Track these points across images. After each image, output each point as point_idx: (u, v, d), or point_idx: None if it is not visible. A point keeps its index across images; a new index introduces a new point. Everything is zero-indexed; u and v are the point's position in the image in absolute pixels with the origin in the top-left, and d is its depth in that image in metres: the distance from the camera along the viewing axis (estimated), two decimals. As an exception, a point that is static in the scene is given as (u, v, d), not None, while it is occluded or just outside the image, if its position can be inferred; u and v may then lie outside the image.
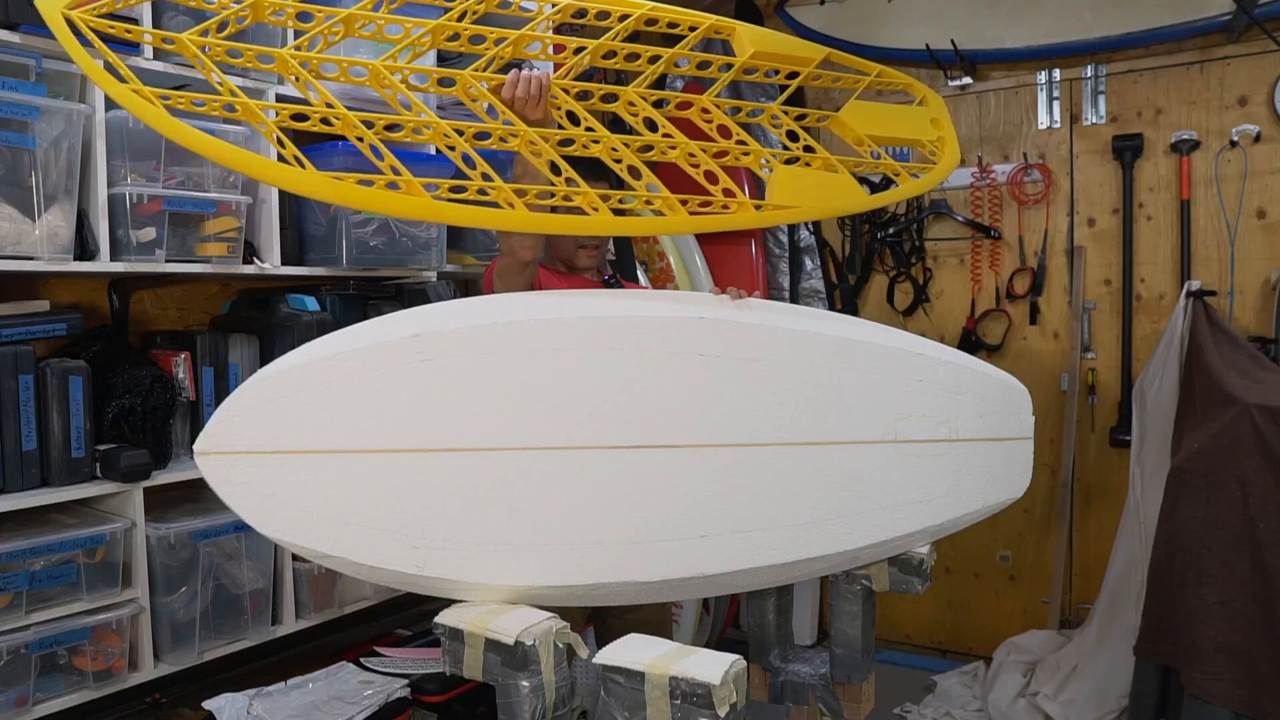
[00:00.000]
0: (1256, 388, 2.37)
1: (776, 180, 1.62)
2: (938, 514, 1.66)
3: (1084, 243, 3.35)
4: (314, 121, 1.39)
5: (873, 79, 1.87)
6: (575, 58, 1.61)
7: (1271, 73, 2.99)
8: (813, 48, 1.78)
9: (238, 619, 1.98)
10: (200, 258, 1.91)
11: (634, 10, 1.65)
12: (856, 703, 1.79)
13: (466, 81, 1.51)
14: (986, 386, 1.77)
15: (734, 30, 1.73)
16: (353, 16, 1.46)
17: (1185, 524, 2.36)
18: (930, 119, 1.89)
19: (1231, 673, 2.22)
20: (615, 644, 1.30)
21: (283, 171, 1.31)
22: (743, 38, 1.72)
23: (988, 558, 3.54)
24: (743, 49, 1.71)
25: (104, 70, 1.27)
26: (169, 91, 1.32)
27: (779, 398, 1.57)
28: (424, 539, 1.33)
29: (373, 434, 1.34)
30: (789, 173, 1.63)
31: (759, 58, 1.71)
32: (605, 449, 1.44)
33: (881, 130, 1.82)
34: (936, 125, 1.89)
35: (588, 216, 1.46)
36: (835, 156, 1.70)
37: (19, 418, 1.69)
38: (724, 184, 1.57)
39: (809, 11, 3.78)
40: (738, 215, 1.56)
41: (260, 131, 1.38)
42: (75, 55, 1.26)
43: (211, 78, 1.36)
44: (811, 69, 1.75)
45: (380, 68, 1.43)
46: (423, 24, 1.52)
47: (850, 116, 1.80)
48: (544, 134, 1.49)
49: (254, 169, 1.34)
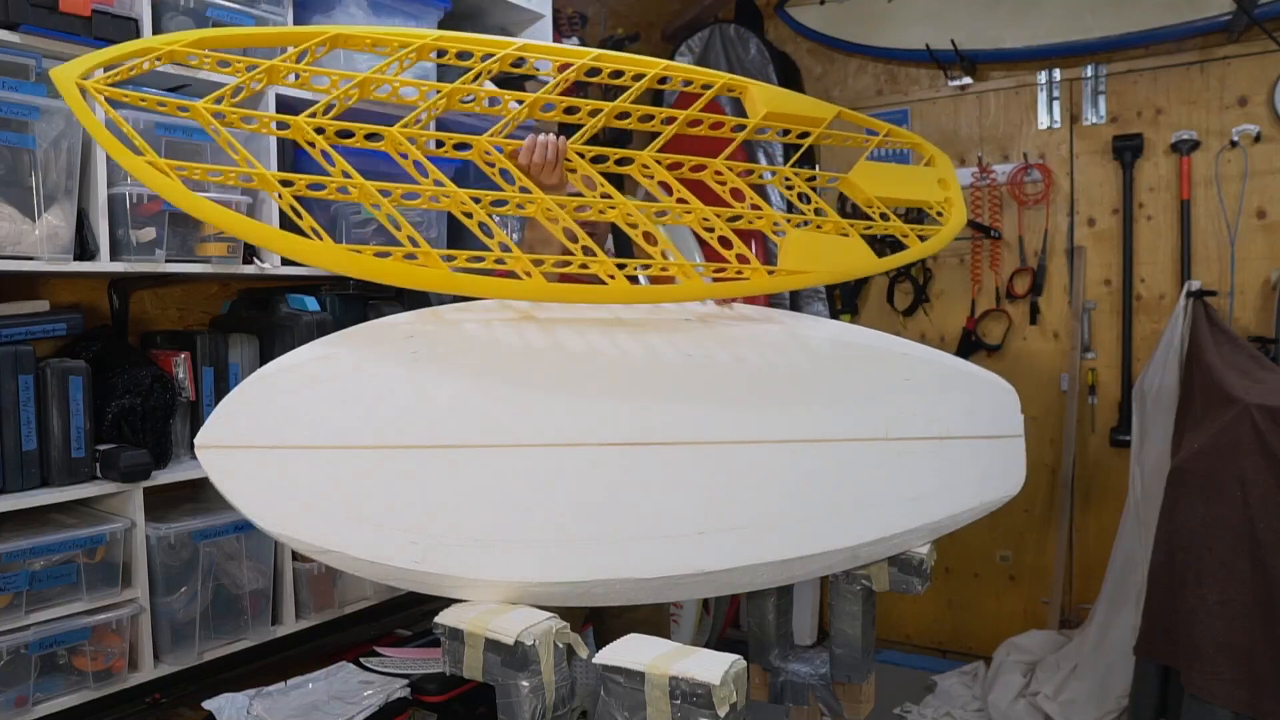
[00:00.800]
0: (1256, 388, 2.38)
1: (789, 245, 1.62)
2: (933, 511, 1.67)
3: (1084, 243, 3.35)
4: (330, 190, 1.38)
5: (881, 139, 1.86)
6: (591, 120, 1.58)
7: (1271, 73, 2.99)
8: (824, 107, 1.77)
9: (238, 619, 1.98)
10: (200, 258, 1.91)
11: (648, 69, 1.62)
12: (856, 703, 1.79)
13: (482, 146, 1.49)
14: (973, 385, 1.79)
15: (746, 89, 1.70)
16: (368, 80, 1.43)
17: (1185, 524, 2.37)
18: (938, 179, 1.89)
19: (1231, 673, 2.22)
20: (615, 644, 1.30)
21: (300, 244, 1.32)
22: (755, 98, 1.70)
23: (988, 558, 3.54)
24: (755, 109, 1.69)
25: (119, 142, 1.26)
26: (184, 164, 1.32)
27: (773, 397, 1.58)
28: (422, 534, 1.33)
29: (372, 430, 1.35)
30: (802, 238, 1.63)
31: (771, 118, 1.69)
32: (603, 446, 1.45)
33: (891, 192, 1.81)
34: (944, 185, 1.88)
35: (604, 286, 1.46)
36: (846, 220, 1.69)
37: (19, 418, 1.69)
38: (738, 249, 1.57)
39: (809, 11, 3.79)
40: (753, 281, 1.56)
41: (277, 203, 1.36)
42: (90, 126, 1.26)
43: (228, 149, 1.36)
44: (822, 129, 1.73)
45: (397, 134, 1.41)
46: (439, 87, 1.50)
47: (860, 178, 1.79)
48: (561, 201, 1.48)
49: (273, 242, 1.33)
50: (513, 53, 1.53)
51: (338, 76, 1.44)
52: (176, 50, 1.36)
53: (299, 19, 2.10)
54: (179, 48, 1.36)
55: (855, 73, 3.83)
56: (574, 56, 1.58)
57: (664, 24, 4.04)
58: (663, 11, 4.02)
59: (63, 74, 1.28)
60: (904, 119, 3.66)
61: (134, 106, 1.37)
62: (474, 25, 2.60)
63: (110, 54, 1.32)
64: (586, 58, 1.57)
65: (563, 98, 1.52)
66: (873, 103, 3.75)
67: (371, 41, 1.48)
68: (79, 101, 1.26)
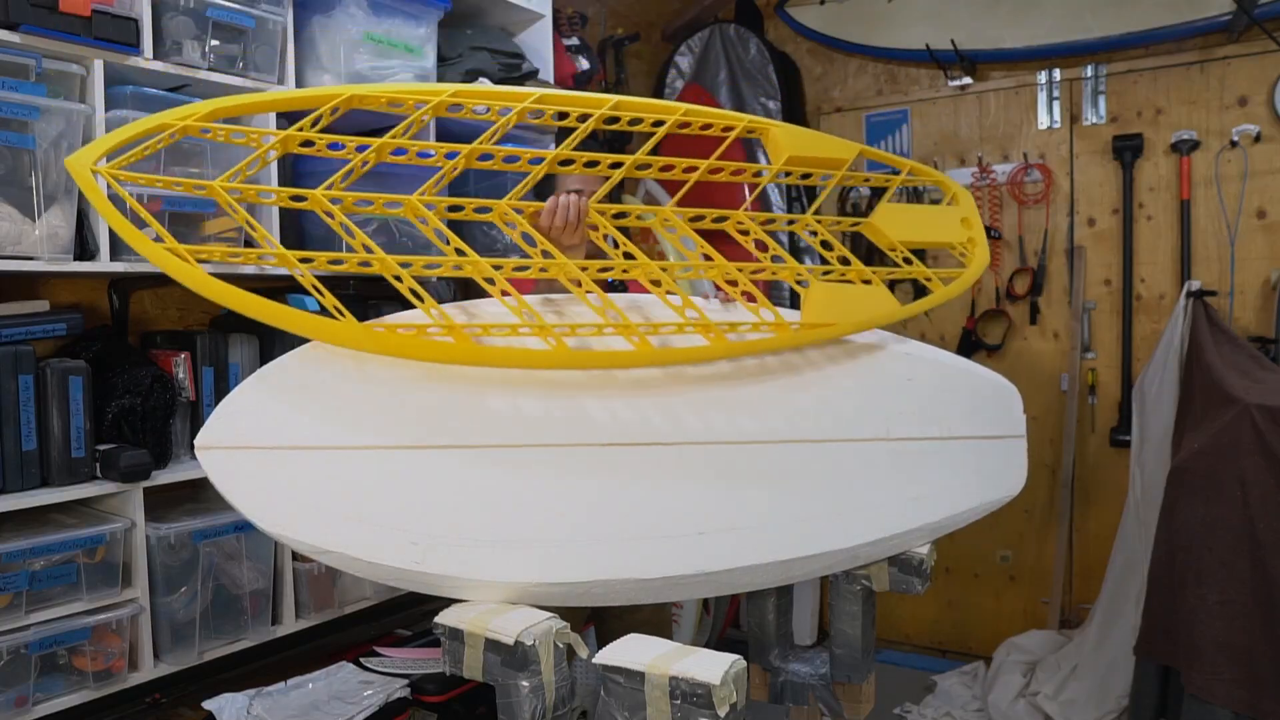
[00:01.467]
0: (1256, 388, 2.38)
1: (813, 297, 1.61)
2: (934, 511, 1.67)
3: (1084, 243, 3.35)
4: (351, 264, 1.38)
5: (903, 178, 1.83)
6: (612, 173, 1.55)
7: (1271, 73, 2.99)
8: (847, 147, 1.72)
9: (238, 619, 1.98)
10: (200, 258, 1.91)
11: (668, 116, 1.57)
12: (856, 703, 1.79)
13: (502, 210, 1.47)
14: (975, 385, 1.78)
15: (768, 131, 1.66)
16: (385, 145, 1.40)
17: (1185, 524, 2.37)
18: (961, 218, 1.85)
19: (1231, 673, 2.22)
20: (615, 644, 1.30)
21: (321, 324, 1.32)
22: (778, 141, 1.65)
23: (988, 558, 3.54)
24: (777, 152, 1.64)
25: (137, 229, 1.27)
26: (204, 249, 1.33)
27: (773, 397, 1.58)
28: (423, 535, 1.33)
29: (372, 430, 1.35)
30: (826, 290, 1.62)
31: (793, 162, 1.65)
32: (604, 446, 1.45)
33: (913, 235, 1.78)
34: (967, 225, 1.85)
35: (631, 351, 1.46)
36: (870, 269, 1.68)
37: (19, 418, 1.69)
38: (761, 304, 1.57)
39: (809, 11, 3.78)
40: (777, 337, 1.56)
41: (298, 280, 1.35)
42: (107, 215, 1.26)
43: (248, 228, 1.35)
44: (844, 171, 1.69)
45: (416, 202, 1.40)
46: (457, 148, 1.46)
47: (882, 221, 1.76)
48: (582, 265, 1.47)
49: (294, 324, 1.33)
50: (530, 105, 1.47)
51: (354, 144, 1.40)
52: (190, 125, 1.33)
53: (299, 19, 2.10)
54: (193, 122, 1.33)
55: (855, 73, 3.83)
56: (591, 106, 1.52)
57: (664, 24, 4.04)
58: (663, 11, 4.02)
59: (77, 162, 1.26)
60: (904, 119, 3.66)
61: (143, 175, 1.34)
62: (474, 25, 2.60)
63: (123, 135, 1.30)
64: (606, 105, 1.52)
65: (580, 152, 1.49)
66: (873, 103, 3.75)
67: (388, 99, 1.44)
68: (96, 190, 1.25)
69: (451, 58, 2.45)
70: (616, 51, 3.66)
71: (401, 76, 2.23)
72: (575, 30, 3.17)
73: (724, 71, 3.82)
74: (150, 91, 1.82)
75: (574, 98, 1.55)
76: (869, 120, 3.75)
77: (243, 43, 1.96)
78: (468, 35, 2.51)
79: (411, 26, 2.25)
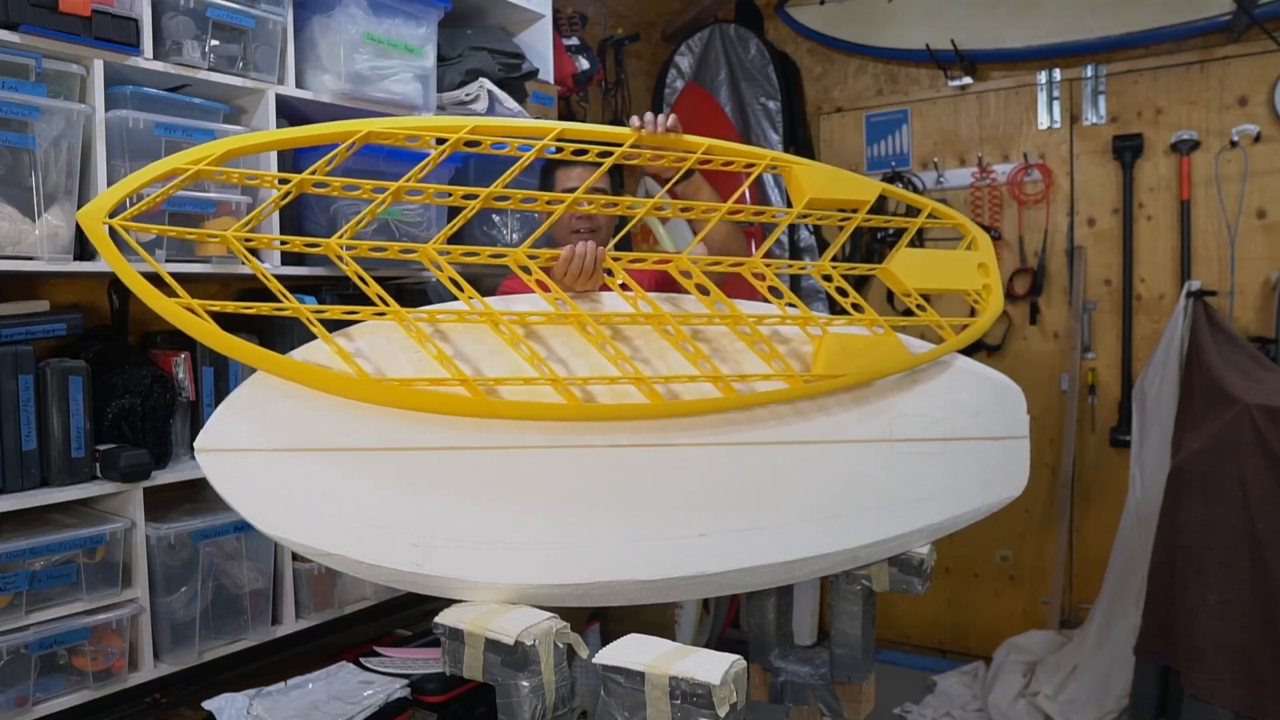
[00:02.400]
0: (1256, 388, 2.38)
1: (825, 348, 1.60)
2: (936, 513, 1.66)
3: (1084, 243, 3.35)
4: (365, 314, 1.38)
5: (923, 219, 1.80)
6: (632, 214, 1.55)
7: (1271, 73, 2.99)
8: (868, 186, 1.70)
9: (238, 619, 1.98)
10: (200, 258, 1.91)
11: (690, 151, 1.57)
12: (856, 703, 1.79)
13: (519, 259, 1.46)
14: (980, 385, 1.78)
15: (790, 170, 1.63)
16: (401, 188, 1.39)
17: (1185, 524, 2.37)
18: (978, 264, 1.83)
19: (1231, 673, 2.22)
20: (615, 644, 1.30)
21: (340, 379, 1.33)
22: (800, 180, 1.62)
23: (988, 558, 3.54)
24: (799, 193, 1.62)
25: (150, 285, 1.26)
26: (218, 304, 1.32)
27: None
28: (424, 537, 1.33)
29: (372, 432, 1.35)
30: (837, 341, 1.61)
31: (814, 204, 1.63)
32: (604, 447, 1.45)
33: (930, 282, 1.76)
34: (984, 271, 1.83)
35: (645, 404, 1.46)
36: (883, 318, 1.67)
37: (19, 418, 1.69)
38: (774, 354, 1.57)
39: (809, 11, 3.79)
40: (791, 389, 1.56)
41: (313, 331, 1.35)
42: (121, 271, 1.24)
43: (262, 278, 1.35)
44: (863, 213, 1.68)
45: (431, 250, 1.39)
46: (475, 191, 1.44)
47: (899, 268, 1.73)
48: (599, 317, 1.48)
49: (314, 380, 1.33)
50: (550, 141, 1.46)
51: (370, 185, 1.38)
52: (204, 170, 1.30)
53: (299, 19, 2.10)
54: (206, 166, 1.30)
55: (855, 73, 3.83)
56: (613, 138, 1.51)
57: (664, 24, 4.04)
58: (663, 11, 4.02)
59: (88, 215, 1.23)
60: (904, 119, 3.66)
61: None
62: (474, 25, 2.60)
63: (134, 184, 1.27)
64: (627, 142, 1.52)
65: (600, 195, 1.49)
66: (873, 103, 3.75)
67: (405, 134, 1.41)
68: (109, 245, 1.23)
69: (451, 58, 2.45)
70: (616, 51, 3.66)
71: (401, 76, 2.23)
72: (575, 30, 3.17)
73: (724, 71, 3.83)
74: (150, 91, 1.82)
75: (594, 131, 1.53)
76: (869, 120, 3.75)
77: (243, 43, 1.96)
78: (468, 35, 2.51)
79: (411, 26, 2.25)
